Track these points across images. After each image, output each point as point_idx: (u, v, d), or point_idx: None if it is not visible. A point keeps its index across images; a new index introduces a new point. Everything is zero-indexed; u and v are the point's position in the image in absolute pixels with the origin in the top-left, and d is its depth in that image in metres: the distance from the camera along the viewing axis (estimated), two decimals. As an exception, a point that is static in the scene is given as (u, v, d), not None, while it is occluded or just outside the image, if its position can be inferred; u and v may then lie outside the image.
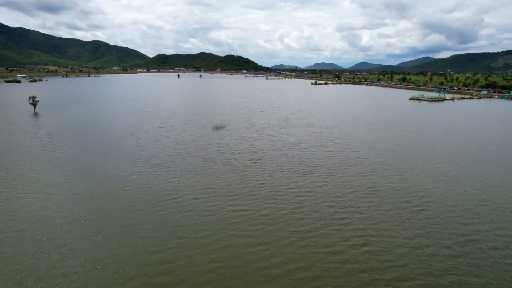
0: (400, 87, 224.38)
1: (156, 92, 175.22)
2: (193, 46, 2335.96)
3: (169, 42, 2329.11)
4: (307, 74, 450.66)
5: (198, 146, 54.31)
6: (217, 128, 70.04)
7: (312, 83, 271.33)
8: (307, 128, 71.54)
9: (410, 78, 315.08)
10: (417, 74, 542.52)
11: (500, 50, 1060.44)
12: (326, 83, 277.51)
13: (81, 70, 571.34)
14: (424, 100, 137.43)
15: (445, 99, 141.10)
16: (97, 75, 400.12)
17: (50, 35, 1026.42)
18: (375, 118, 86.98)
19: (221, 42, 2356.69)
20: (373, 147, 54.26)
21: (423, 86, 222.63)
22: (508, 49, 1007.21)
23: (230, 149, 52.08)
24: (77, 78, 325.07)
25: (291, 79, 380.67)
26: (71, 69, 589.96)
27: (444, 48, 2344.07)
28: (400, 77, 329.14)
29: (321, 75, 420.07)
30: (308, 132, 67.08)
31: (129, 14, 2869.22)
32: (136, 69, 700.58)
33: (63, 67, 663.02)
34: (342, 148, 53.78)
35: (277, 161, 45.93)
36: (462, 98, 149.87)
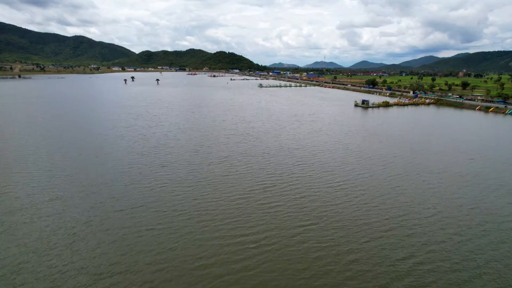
0: None
1: None
2: (190, 44, 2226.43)
3: (165, 39, 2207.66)
4: (318, 76, 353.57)
5: None
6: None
7: (357, 104, 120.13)
8: None
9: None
10: (445, 76, 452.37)
11: (501, 49, 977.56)
12: (386, 104, 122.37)
13: (42, 69, 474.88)
14: None
15: None
16: (27, 76, 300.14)
17: (26, 30, 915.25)
18: None
19: (218, 40, 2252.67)
20: None
21: None
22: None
23: None
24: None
25: (301, 86, 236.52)
26: (36, 67, 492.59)
27: (446, 47, 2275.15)
28: (455, 81, 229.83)
29: (335, 78, 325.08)
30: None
31: (122, 10, 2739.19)
32: (112, 68, 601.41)
33: (34, 64, 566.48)
34: None
35: None
36: None
